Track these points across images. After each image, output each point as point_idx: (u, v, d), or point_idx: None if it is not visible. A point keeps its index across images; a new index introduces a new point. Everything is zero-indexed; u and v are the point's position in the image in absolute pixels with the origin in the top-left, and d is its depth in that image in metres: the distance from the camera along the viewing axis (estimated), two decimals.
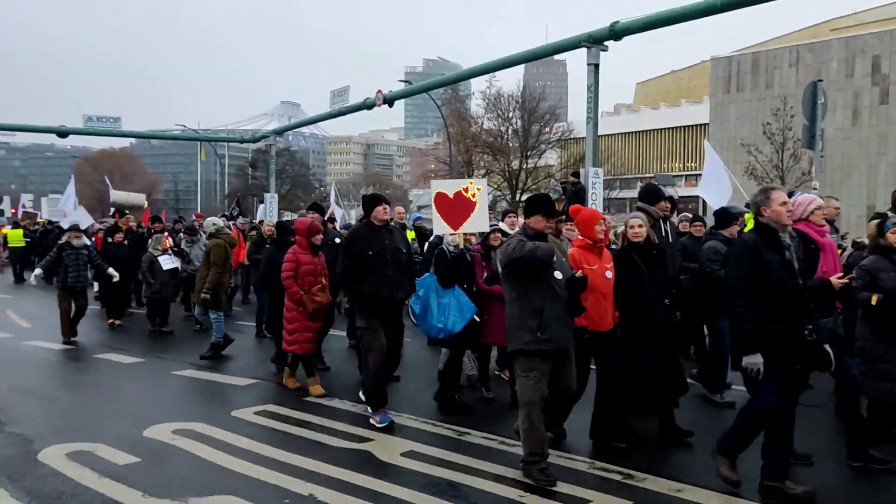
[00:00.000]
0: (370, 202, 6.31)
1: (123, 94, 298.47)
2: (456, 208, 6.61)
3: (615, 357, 5.46)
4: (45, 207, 28.78)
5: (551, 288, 4.79)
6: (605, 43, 13.17)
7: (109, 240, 12.42)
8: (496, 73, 34.52)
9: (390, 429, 5.92)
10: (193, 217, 16.22)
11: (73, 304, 10.28)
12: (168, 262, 11.18)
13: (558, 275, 4.84)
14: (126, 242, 12.60)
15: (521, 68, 68.34)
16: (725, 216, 7.04)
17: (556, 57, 22.27)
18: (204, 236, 11.21)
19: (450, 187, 6.81)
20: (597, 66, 13.18)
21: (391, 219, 6.93)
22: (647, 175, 56.45)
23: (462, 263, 6.56)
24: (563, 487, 4.65)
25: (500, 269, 5.21)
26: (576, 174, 14.44)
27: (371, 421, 6.02)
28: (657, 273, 5.55)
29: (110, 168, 74.46)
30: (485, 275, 6.71)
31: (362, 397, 6.58)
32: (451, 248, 6.57)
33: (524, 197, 38.45)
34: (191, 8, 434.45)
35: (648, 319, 5.40)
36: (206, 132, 54.95)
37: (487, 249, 6.87)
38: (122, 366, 8.74)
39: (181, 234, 12.90)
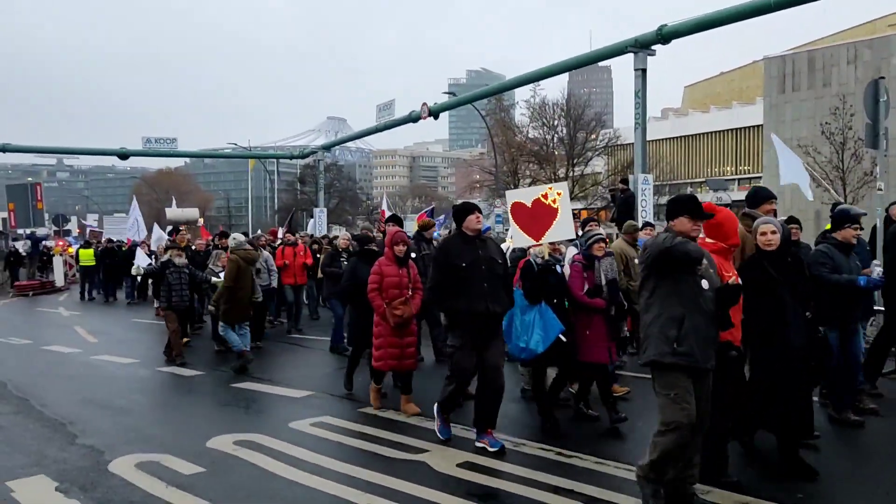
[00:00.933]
0: (461, 211, 5.91)
1: (179, 116, 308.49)
2: (536, 217, 6.25)
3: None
4: (107, 227, 29.94)
5: (695, 297, 4.24)
6: (653, 47, 13.02)
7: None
8: (540, 82, 34.40)
9: (447, 440, 5.94)
10: (259, 232, 16.49)
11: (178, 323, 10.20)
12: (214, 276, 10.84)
13: (705, 284, 4.29)
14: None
15: (564, 76, 68.06)
16: (844, 217, 6.24)
17: (601, 63, 22.07)
18: (265, 252, 11.31)
19: (526, 196, 6.45)
20: (644, 70, 13.04)
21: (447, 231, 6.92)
22: (697, 180, 55.36)
23: (550, 276, 6.11)
24: (583, 488, 4.59)
25: (639, 269, 4.72)
26: (625, 181, 14.27)
27: (436, 421, 5.95)
28: (794, 283, 4.97)
29: (167, 187, 77.07)
30: (585, 287, 6.23)
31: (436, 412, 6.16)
32: (538, 260, 6.16)
33: (572, 206, 38.18)
34: (237, 28, 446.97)
35: (787, 337, 4.83)
36: (256, 149, 56.28)
37: (590, 259, 6.37)
38: (184, 379, 9.00)
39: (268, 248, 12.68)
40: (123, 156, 28.31)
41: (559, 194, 6.33)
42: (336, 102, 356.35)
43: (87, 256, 21.49)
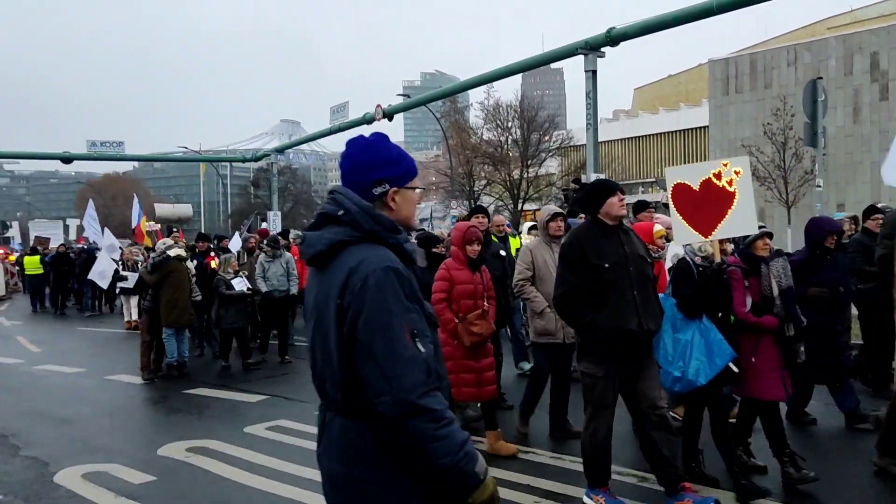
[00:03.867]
0: (598, 191, 4.31)
1: (125, 119, 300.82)
2: (705, 204, 4.69)
3: None
4: (34, 232, 28.68)
5: None
6: (602, 49, 13.25)
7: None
8: (494, 84, 34.66)
9: None
10: (273, 231, 14.80)
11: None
12: (242, 285, 9.70)
13: None
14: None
15: (518, 78, 68.78)
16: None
17: (553, 65, 22.33)
18: (287, 253, 10.45)
19: (693, 175, 4.83)
20: (594, 72, 13.26)
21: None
22: (648, 179, 56.57)
23: (717, 283, 4.66)
24: (575, 493, 4.65)
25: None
26: (577, 181, 14.48)
27: (587, 501, 4.43)
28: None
29: (114, 193, 75.09)
30: (748, 301, 4.71)
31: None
32: (700, 261, 4.73)
33: (526, 206, 38.60)
34: (187, 30, 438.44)
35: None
36: (208, 153, 55.28)
37: (753, 262, 4.77)
38: (133, 387, 8.77)
39: (258, 251, 11.04)
40: (67, 160, 27.41)
41: (737, 173, 4.67)
42: (289, 105, 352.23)
43: (34, 264, 19.66)
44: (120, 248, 15.76)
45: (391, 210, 2.07)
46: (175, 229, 13.75)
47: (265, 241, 10.87)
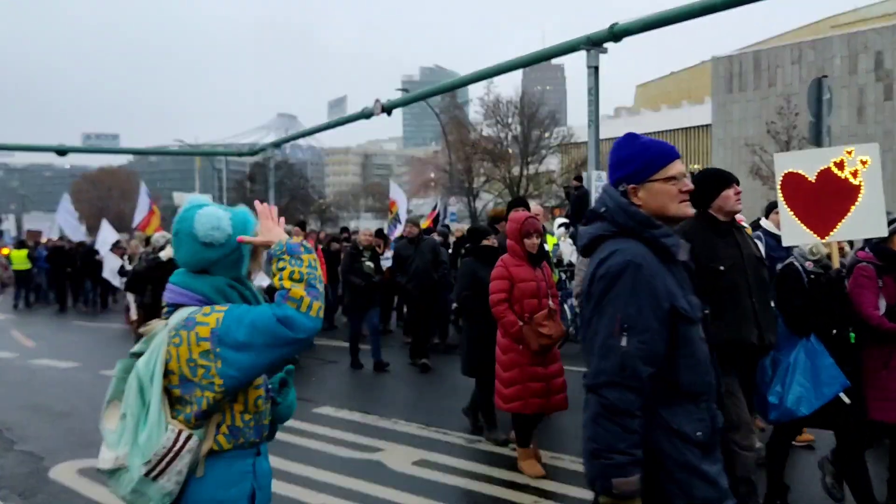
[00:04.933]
0: (711, 182, 3.70)
1: (121, 111, 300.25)
2: (822, 198, 4.08)
3: None
4: (26, 225, 28.47)
5: None
6: (605, 45, 13.14)
7: None
8: (494, 80, 34.53)
9: (403, 438, 5.85)
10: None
11: None
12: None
13: None
14: None
15: (518, 74, 68.57)
16: None
17: (554, 61, 22.31)
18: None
19: (809, 163, 4.19)
20: (596, 68, 13.14)
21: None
22: None
23: (833, 295, 3.97)
24: (573, 492, 4.59)
25: None
26: (578, 178, 14.37)
27: None
28: None
29: (109, 185, 74.86)
30: (882, 303, 3.91)
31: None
32: (812, 267, 4.05)
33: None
34: (185, 24, 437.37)
35: None
36: (204, 147, 55.11)
37: (889, 258, 4.00)
38: None
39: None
40: (62, 152, 27.18)
41: (864, 163, 4.02)
42: (287, 99, 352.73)
43: (20, 259, 18.14)
44: (119, 240, 15.59)
45: (639, 206, 2.15)
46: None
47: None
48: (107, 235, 15.65)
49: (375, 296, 9.18)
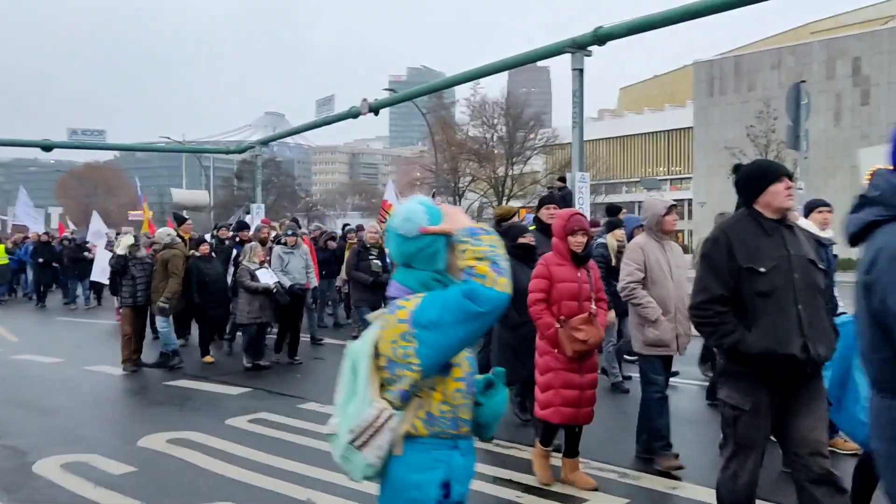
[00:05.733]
0: (758, 175, 3.40)
1: (107, 107, 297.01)
2: None
3: None
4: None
5: None
6: (589, 48, 13.29)
7: (195, 253, 9.61)
8: (480, 81, 34.67)
9: None
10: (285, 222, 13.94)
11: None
12: (268, 277, 8.93)
13: None
14: (213, 255, 9.94)
15: (504, 75, 68.74)
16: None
17: (540, 63, 22.43)
18: (304, 245, 9.74)
19: None
20: (581, 71, 13.29)
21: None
22: (632, 179, 56.92)
23: None
24: (557, 487, 4.69)
25: None
26: (562, 178, 14.51)
27: None
28: None
29: (95, 181, 74.19)
30: None
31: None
32: None
33: (511, 203, 38.69)
34: (174, 20, 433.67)
35: None
36: (191, 144, 54.79)
37: None
38: (113, 378, 8.70)
39: (271, 242, 10.30)
40: (47, 147, 26.90)
41: None
42: (274, 97, 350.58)
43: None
44: (106, 234, 15.36)
45: None
46: (187, 217, 12.57)
47: (285, 231, 10.02)
48: (99, 228, 15.23)
49: (383, 294, 8.95)
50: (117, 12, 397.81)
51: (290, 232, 9.72)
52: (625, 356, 7.85)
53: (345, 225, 15.20)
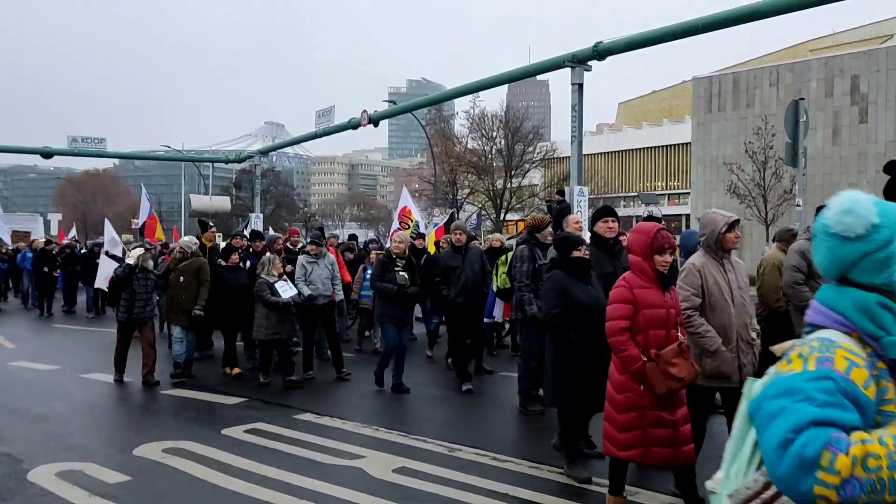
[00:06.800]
0: None
1: (107, 115, 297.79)
2: None
3: None
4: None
5: None
6: (589, 63, 13.39)
7: (223, 263, 9.36)
8: (480, 94, 34.85)
9: (383, 446, 5.92)
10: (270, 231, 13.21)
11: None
12: (287, 291, 8.52)
13: None
14: (241, 266, 9.47)
15: (504, 88, 69.06)
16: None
17: (539, 77, 22.56)
18: (329, 255, 9.32)
19: None
20: (580, 85, 13.38)
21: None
22: (630, 194, 57.07)
23: None
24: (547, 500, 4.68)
25: None
26: (561, 192, 14.57)
27: None
28: None
29: (94, 189, 74.24)
30: None
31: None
32: None
33: (508, 217, 38.74)
34: (176, 29, 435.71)
35: None
36: (190, 152, 54.88)
37: None
38: (109, 386, 8.66)
39: (284, 253, 9.94)
40: (47, 155, 26.96)
41: None
42: (274, 108, 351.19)
43: None
44: (120, 242, 15.12)
45: None
46: (211, 225, 11.90)
47: (308, 239, 9.47)
48: (114, 236, 14.76)
49: (411, 308, 8.34)
50: (118, 21, 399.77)
51: (312, 240, 9.27)
52: None
53: (351, 236, 15.12)
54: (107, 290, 12.63)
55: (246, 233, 12.49)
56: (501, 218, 37.11)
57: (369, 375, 8.34)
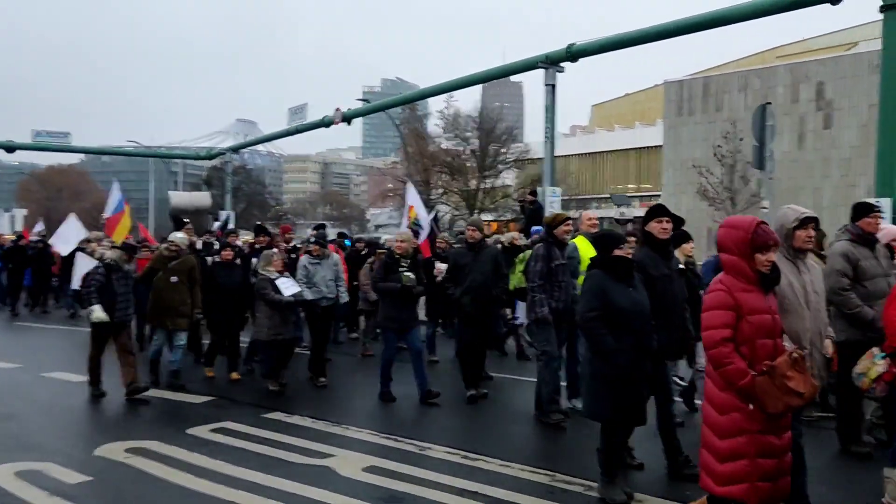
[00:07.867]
0: None
1: (74, 110, 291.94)
2: None
3: None
4: None
5: None
6: (562, 64, 13.48)
7: (216, 259, 9.13)
8: (454, 94, 34.85)
9: (354, 445, 5.86)
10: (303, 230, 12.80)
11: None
12: (290, 288, 8.07)
13: None
14: (237, 263, 9.19)
15: (478, 89, 69.20)
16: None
17: (513, 78, 22.68)
18: (334, 255, 8.99)
19: None
20: (553, 86, 13.48)
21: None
22: (602, 195, 57.54)
23: None
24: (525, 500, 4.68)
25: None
26: (534, 193, 14.65)
27: None
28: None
29: (59, 185, 72.64)
30: None
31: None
32: None
33: (482, 217, 38.76)
34: (146, 21, 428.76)
35: None
36: (160, 149, 54.03)
37: None
38: (72, 385, 8.46)
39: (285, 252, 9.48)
40: (10, 149, 26.42)
41: None
42: (246, 104, 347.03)
43: None
44: (78, 237, 14.60)
45: None
46: (186, 221, 11.47)
47: (311, 239, 9.18)
48: (69, 232, 14.09)
49: (416, 309, 7.98)
50: (85, 14, 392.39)
51: (315, 240, 8.79)
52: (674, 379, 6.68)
53: (340, 233, 14.46)
54: (79, 288, 12.15)
55: (214, 228, 12.29)
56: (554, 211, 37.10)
57: (347, 376, 8.18)
